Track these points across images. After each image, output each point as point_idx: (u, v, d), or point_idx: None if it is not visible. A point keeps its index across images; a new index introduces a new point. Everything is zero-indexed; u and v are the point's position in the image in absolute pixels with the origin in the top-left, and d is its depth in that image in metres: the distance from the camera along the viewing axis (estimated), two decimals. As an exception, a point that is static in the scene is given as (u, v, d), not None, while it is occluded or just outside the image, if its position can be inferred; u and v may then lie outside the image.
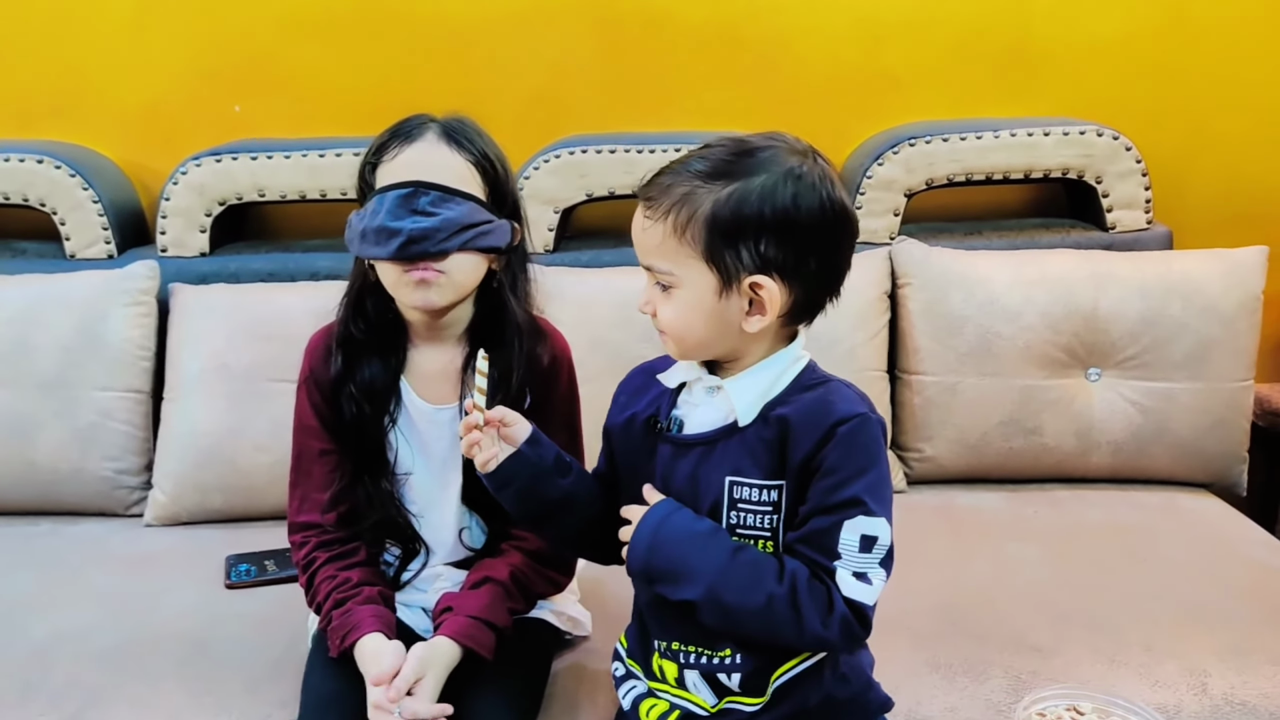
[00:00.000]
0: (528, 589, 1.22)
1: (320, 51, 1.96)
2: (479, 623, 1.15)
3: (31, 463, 1.70)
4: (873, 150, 1.91)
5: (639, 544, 0.97)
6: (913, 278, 1.79)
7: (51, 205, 1.87)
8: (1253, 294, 1.75)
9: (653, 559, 0.96)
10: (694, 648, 1.02)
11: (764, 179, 0.92)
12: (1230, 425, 1.76)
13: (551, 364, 1.25)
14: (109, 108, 1.98)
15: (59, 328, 1.72)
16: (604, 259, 1.86)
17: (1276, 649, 1.30)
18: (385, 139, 1.17)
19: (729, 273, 0.92)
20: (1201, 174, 2.02)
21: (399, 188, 1.12)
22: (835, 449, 0.93)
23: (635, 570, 0.98)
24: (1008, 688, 1.24)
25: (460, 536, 1.26)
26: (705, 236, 0.92)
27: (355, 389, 1.21)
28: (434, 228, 1.11)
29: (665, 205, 0.93)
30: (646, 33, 1.97)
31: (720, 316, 0.94)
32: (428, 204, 1.12)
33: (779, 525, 0.96)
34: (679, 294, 0.95)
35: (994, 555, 1.55)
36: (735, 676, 1.01)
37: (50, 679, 1.28)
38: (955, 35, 1.97)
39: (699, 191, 0.92)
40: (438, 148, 1.15)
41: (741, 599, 0.93)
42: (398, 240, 1.11)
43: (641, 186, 0.97)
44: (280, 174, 1.85)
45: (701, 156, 0.95)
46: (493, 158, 1.17)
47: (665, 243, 0.93)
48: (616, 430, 1.08)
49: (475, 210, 1.14)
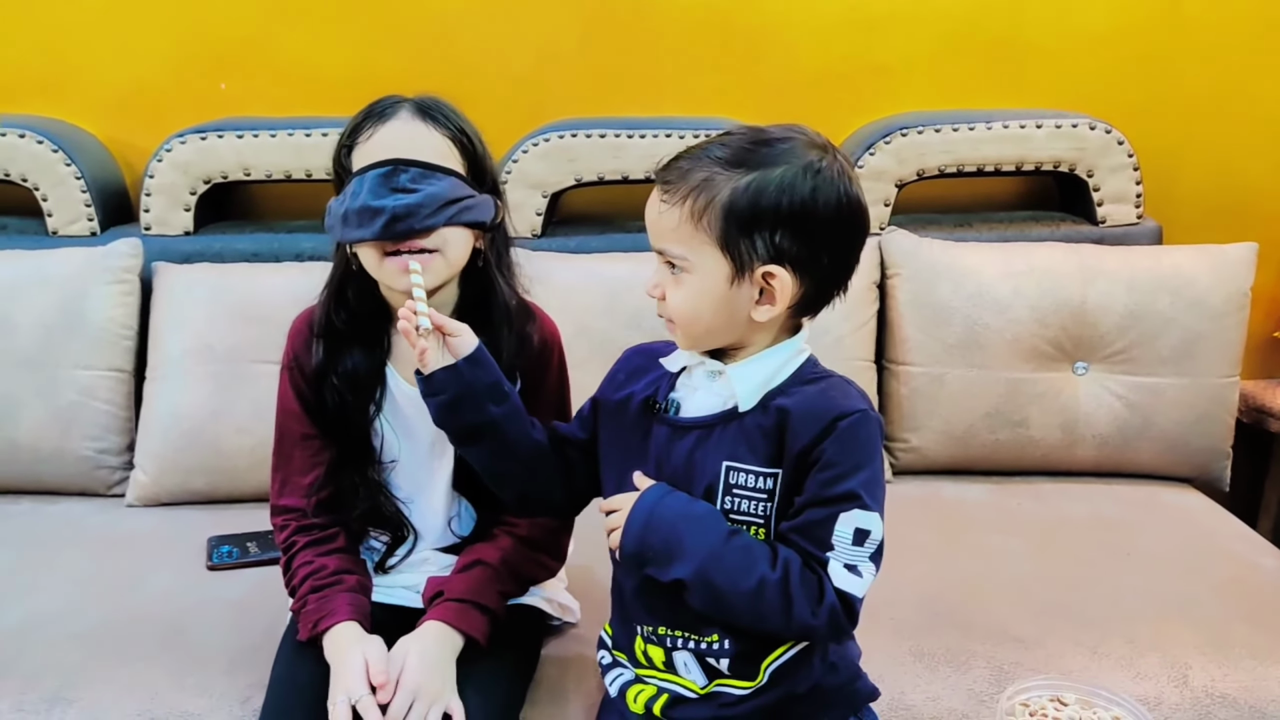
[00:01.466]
0: (519, 573, 1.21)
1: (306, 32, 1.94)
2: (471, 606, 1.15)
3: (12, 441, 1.69)
4: (864, 140, 1.91)
5: (633, 525, 0.97)
6: (902, 268, 1.79)
7: (34, 181, 1.85)
8: (1240, 290, 1.75)
9: (647, 537, 0.96)
10: (681, 632, 1.02)
11: (784, 170, 0.92)
12: (1215, 421, 1.76)
13: (543, 348, 1.23)
14: (94, 84, 1.96)
15: (40, 305, 1.70)
16: (591, 244, 1.86)
17: (1257, 643, 1.31)
18: (359, 120, 1.14)
19: (742, 261, 0.93)
20: (1192, 169, 2.02)
21: (378, 166, 1.09)
22: (835, 443, 0.93)
23: (628, 552, 0.98)
24: (990, 678, 1.25)
25: (449, 525, 1.25)
26: (721, 224, 0.92)
27: (338, 379, 1.19)
28: (418, 203, 1.08)
29: (683, 190, 0.93)
30: (636, 18, 1.95)
31: (730, 304, 0.94)
32: (408, 181, 1.09)
33: (772, 513, 0.97)
34: (690, 279, 0.94)
35: (978, 546, 1.55)
36: (724, 661, 1.01)
37: (28, 658, 1.27)
38: (948, 26, 1.97)
39: (718, 178, 0.92)
40: (413, 124, 1.12)
41: (733, 581, 0.93)
42: (382, 219, 1.07)
43: (659, 170, 0.96)
44: (265, 153, 1.83)
45: (722, 144, 0.94)
46: (469, 133, 1.15)
47: (681, 227, 0.93)
48: (609, 406, 1.07)
49: (457, 185, 1.12)
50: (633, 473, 1.01)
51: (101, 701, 1.21)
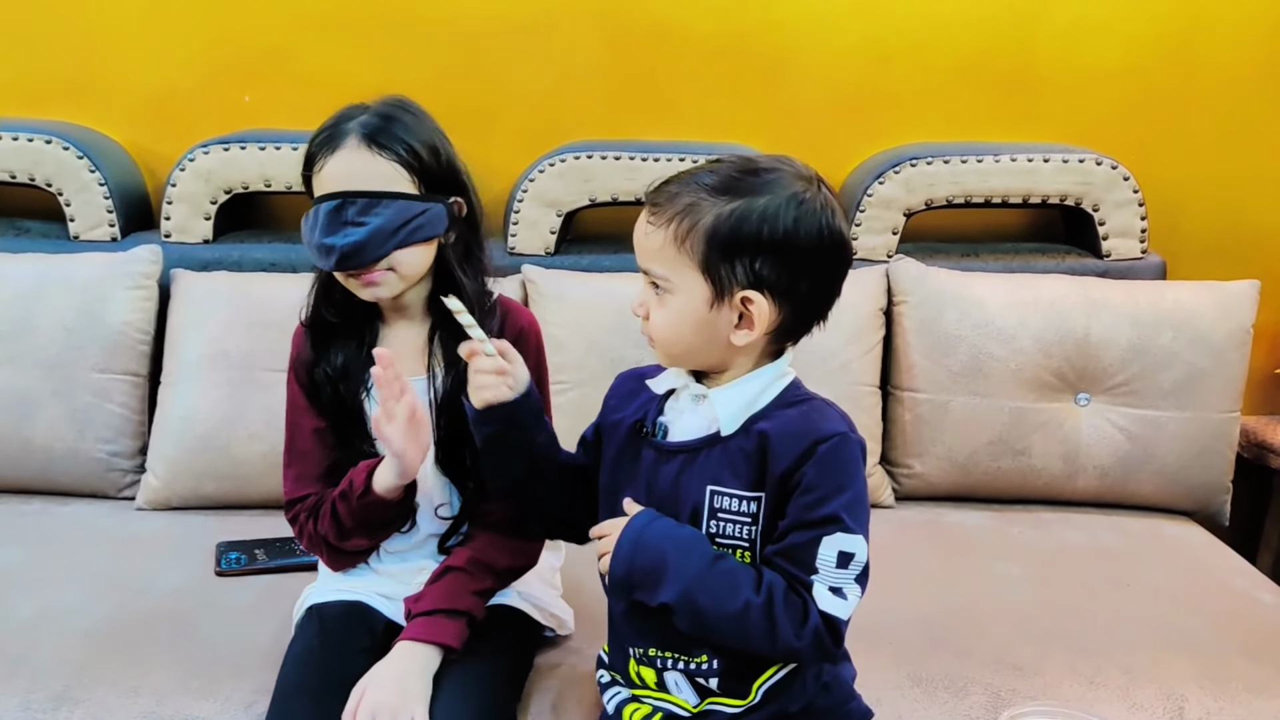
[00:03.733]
0: (490, 566, 1.22)
1: (331, 47, 1.97)
2: (440, 615, 1.16)
3: (28, 441, 1.71)
4: (874, 169, 1.93)
5: (622, 550, 0.98)
6: (908, 296, 1.81)
7: (58, 186, 1.88)
8: (1243, 327, 1.77)
9: (635, 561, 0.98)
10: (670, 653, 1.03)
11: (767, 200, 0.94)
12: (1216, 455, 1.78)
13: (518, 336, 1.25)
14: (120, 92, 1.99)
15: (60, 308, 1.73)
16: (603, 263, 1.88)
17: (1253, 677, 1.31)
18: (313, 149, 1.19)
19: (722, 285, 0.95)
20: (1197, 206, 2.04)
21: (328, 199, 1.16)
22: (814, 466, 0.94)
23: (618, 577, 0.99)
24: (987, 704, 1.25)
25: (436, 511, 1.27)
26: (703, 248, 0.94)
27: (329, 369, 1.25)
28: (364, 240, 1.14)
29: (669, 213, 0.95)
30: (654, 42, 1.99)
31: (709, 326, 0.96)
32: (356, 214, 1.15)
33: (757, 537, 0.98)
34: (672, 300, 0.97)
35: (978, 573, 1.56)
36: (713, 680, 1.02)
37: (37, 656, 1.29)
38: (959, 59, 2.00)
39: (703, 204, 0.94)
40: (360, 154, 1.16)
41: (717, 604, 0.95)
42: (334, 256, 1.15)
43: (649, 192, 0.99)
44: (286, 165, 1.86)
45: (710, 170, 0.97)
46: (419, 149, 1.18)
47: (665, 249, 0.96)
48: (606, 429, 1.10)
49: (405, 208, 1.16)
50: (624, 497, 1.03)
51: (107, 702, 1.22)
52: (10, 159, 1.87)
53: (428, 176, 1.19)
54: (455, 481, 1.26)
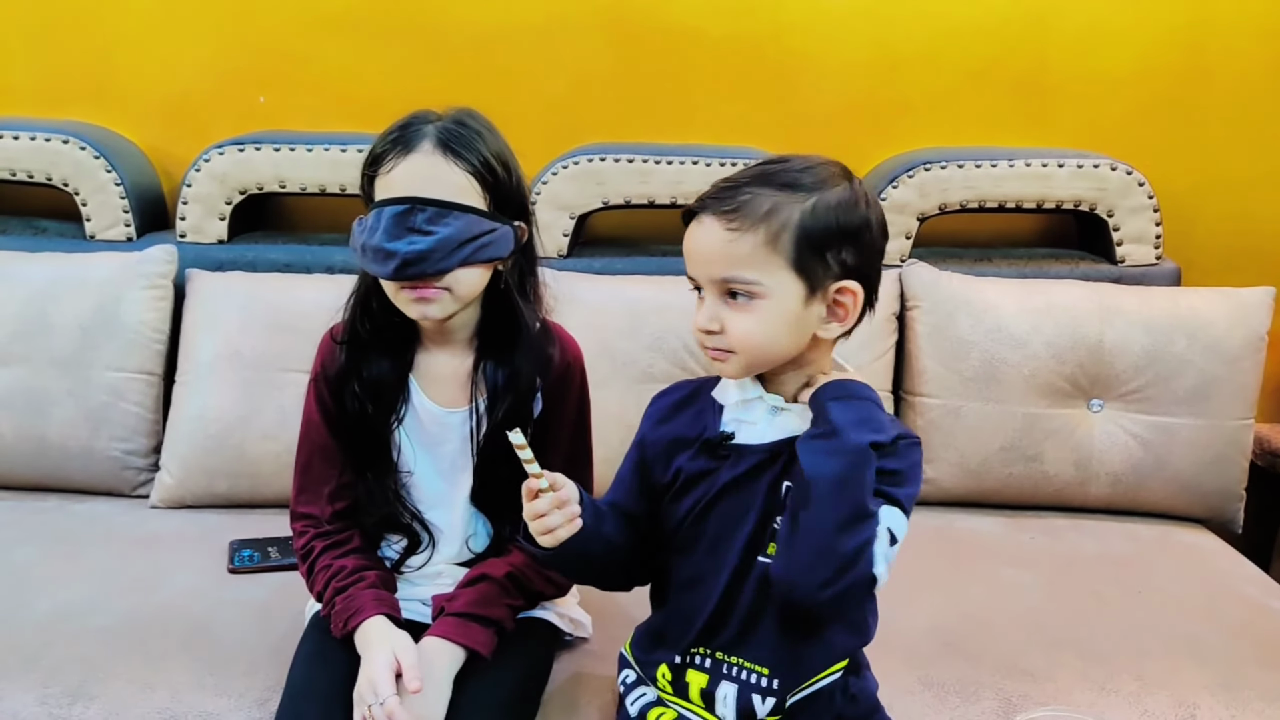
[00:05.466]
0: (526, 587, 1.22)
1: (345, 49, 1.98)
2: (473, 620, 1.16)
3: (43, 439, 1.72)
4: (887, 173, 1.93)
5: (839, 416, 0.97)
6: (921, 301, 1.81)
7: (74, 186, 1.89)
8: (1257, 334, 1.77)
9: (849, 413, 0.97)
10: (735, 658, 1.04)
11: (837, 191, 0.97)
12: (1229, 463, 1.77)
13: (565, 369, 1.24)
14: (136, 94, 2.01)
15: (76, 307, 1.74)
16: (616, 266, 1.88)
17: (1266, 686, 1.31)
18: (383, 148, 1.13)
19: (815, 280, 0.96)
20: (1212, 212, 2.04)
21: (395, 204, 1.09)
22: (893, 458, 0.97)
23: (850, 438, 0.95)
24: (998, 709, 1.25)
25: (466, 542, 1.26)
26: (795, 245, 0.95)
27: (360, 387, 1.20)
28: (429, 249, 1.08)
29: (753, 218, 0.95)
30: (667, 46, 1.99)
31: (801, 324, 0.98)
32: (424, 221, 1.09)
33: None
34: (763, 304, 0.96)
35: (990, 579, 1.56)
36: (769, 701, 1.02)
37: (52, 653, 1.30)
38: (973, 65, 2.00)
39: (783, 204, 0.96)
40: (434, 160, 1.10)
41: (862, 494, 0.94)
42: (394, 263, 1.09)
43: (711, 199, 0.98)
44: (301, 166, 1.87)
45: (760, 173, 0.98)
46: (494, 163, 1.13)
47: (755, 252, 0.95)
48: (659, 446, 1.08)
49: (474, 223, 1.11)
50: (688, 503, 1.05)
51: (122, 697, 1.23)
52: (27, 159, 1.88)
53: (498, 194, 1.13)
54: (490, 517, 1.25)
